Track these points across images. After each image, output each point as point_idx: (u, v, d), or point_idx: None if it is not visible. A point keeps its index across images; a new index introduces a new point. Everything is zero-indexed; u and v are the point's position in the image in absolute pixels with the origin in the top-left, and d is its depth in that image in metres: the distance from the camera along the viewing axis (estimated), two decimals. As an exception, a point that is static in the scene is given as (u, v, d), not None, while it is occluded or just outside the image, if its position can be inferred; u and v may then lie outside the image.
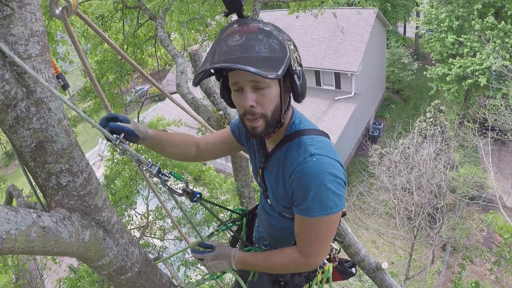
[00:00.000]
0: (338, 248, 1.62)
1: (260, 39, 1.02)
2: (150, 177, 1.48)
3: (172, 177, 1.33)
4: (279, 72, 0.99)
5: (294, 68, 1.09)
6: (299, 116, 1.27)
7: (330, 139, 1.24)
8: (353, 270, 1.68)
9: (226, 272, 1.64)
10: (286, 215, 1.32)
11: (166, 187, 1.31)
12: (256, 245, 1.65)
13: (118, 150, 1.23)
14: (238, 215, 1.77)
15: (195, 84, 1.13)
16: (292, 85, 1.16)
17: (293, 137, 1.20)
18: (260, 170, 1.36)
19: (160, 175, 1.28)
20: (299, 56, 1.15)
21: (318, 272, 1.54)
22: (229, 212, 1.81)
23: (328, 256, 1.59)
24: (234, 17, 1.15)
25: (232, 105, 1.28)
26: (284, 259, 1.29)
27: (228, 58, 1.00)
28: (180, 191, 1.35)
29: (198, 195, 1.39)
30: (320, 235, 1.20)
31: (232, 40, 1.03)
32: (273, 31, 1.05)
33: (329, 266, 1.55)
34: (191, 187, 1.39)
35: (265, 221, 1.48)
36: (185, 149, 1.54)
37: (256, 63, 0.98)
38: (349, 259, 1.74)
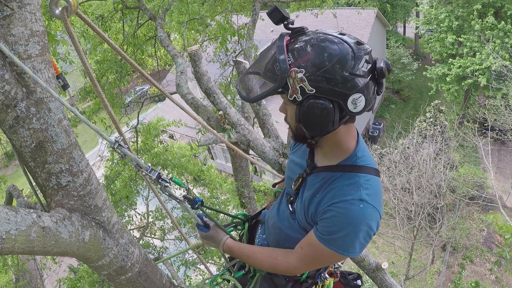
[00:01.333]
0: (341, 264, 1.60)
1: (269, 59, 1.08)
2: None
3: (172, 183, 1.31)
4: (250, 96, 1.15)
5: (291, 98, 1.04)
6: (362, 150, 1.19)
7: (379, 176, 1.20)
8: (358, 282, 1.66)
9: (225, 279, 1.63)
10: (306, 229, 1.28)
11: (166, 193, 1.29)
12: None
13: (118, 154, 1.22)
14: (240, 220, 1.74)
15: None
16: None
17: (348, 169, 1.16)
18: (301, 179, 1.29)
19: (159, 180, 1.25)
20: (317, 89, 0.99)
21: (318, 286, 1.52)
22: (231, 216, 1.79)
23: (330, 269, 1.57)
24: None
25: None
26: (271, 261, 1.31)
27: (251, 68, 1.19)
28: (181, 198, 1.33)
29: (199, 202, 1.38)
30: (318, 261, 1.23)
31: (264, 51, 1.13)
32: (280, 56, 1.02)
33: (330, 281, 1.54)
34: (192, 189, 1.37)
35: (276, 227, 1.43)
36: None
37: (244, 83, 1.16)
38: (352, 271, 1.71)
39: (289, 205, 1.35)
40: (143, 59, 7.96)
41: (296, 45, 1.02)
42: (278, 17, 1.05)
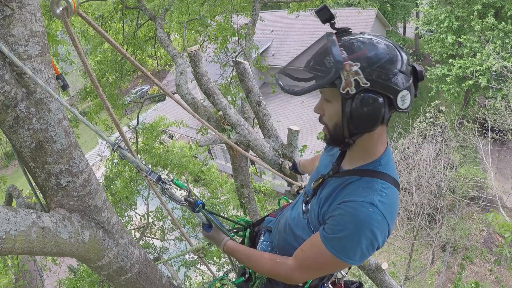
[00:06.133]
0: (345, 274, 1.60)
1: (316, 53, 1.08)
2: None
3: (173, 185, 1.30)
4: (302, 89, 1.05)
5: (344, 91, 1.03)
6: (387, 159, 1.19)
7: (399, 190, 1.19)
8: None
9: (224, 284, 1.63)
10: (314, 229, 1.27)
11: (167, 195, 1.28)
12: None
13: (117, 155, 1.22)
14: (241, 226, 1.74)
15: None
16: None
17: (368, 173, 1.15)
18: (322, 179, 1.30)
19: (160, 183, 1.25)
20: (372, 82, 1.02)
21: None
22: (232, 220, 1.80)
23: (333, 279, 1.56)
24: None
25: None
26: (269, 263, 1.30)
27: (287, 65, 1.17)
28: (182, 199, 1.33)
29: (200, 205, 1.37)
30: (317, 266, 1.18)
31: (305, 50, 1.15)
32: (334, 49, 1.03)
33: None
34: (193, 189, 1.37)
35: (286, 225, 1.42)
36: None
37: (289, 73, 1.10)
38: (354, 280, 1.71)
39: (303, 204, 1.36)
40: (143, 59, 7.95)
41: (347, 42, 1.05)
42: (326, 15, 1.07)
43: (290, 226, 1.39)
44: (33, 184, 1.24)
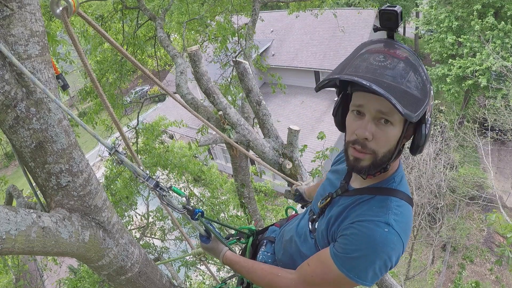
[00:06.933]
0: None
1: (405, 70, 0.93)
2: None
3: (171, 192, 1.27)
4: (415, 114, 0.89)
5: (426, 117, 0.98)
6: (401, 175, 1.15)
7: (413, 207, 1.14)
8: None
9: None
10: (320, 249, 1.22)
11: (164, 202, 1.25)
12: None
13: (114, 160, 1.21)
14: (244, 233, 1.71)
15: (317, 90, 1.05)
16: (415, 133, 1.03)
17: (382, 192, 1.10)
18: (330, 198, 1.24)
19: (157, 189, 1.23)
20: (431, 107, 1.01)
21: None
22: (236, 224, 1.78)
23: None
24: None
25: (341, 125, 1.17)
26: (270, 277, 1.24)
27: (368, 77, 0.90)
28: (180, 207, 1.30)
29: (199, 213, 1.35)
30: (324, 282, 1.12)
31: (375, 59, 0.95)
32: (419, 67, 0.95)
33: None
34: (193, 192, 1.37)
35: (292, 242, 1.39)
36: None
37: (395, 94, 0.87)
38: None
39: (310, 223, 1.31)
40: (143, 59, 7.96)
41: (413, 57, 0.98)
42: (396, 24, 0.98)
43: (296, 243, 1.34)
44: (33, 184, 1.24)
